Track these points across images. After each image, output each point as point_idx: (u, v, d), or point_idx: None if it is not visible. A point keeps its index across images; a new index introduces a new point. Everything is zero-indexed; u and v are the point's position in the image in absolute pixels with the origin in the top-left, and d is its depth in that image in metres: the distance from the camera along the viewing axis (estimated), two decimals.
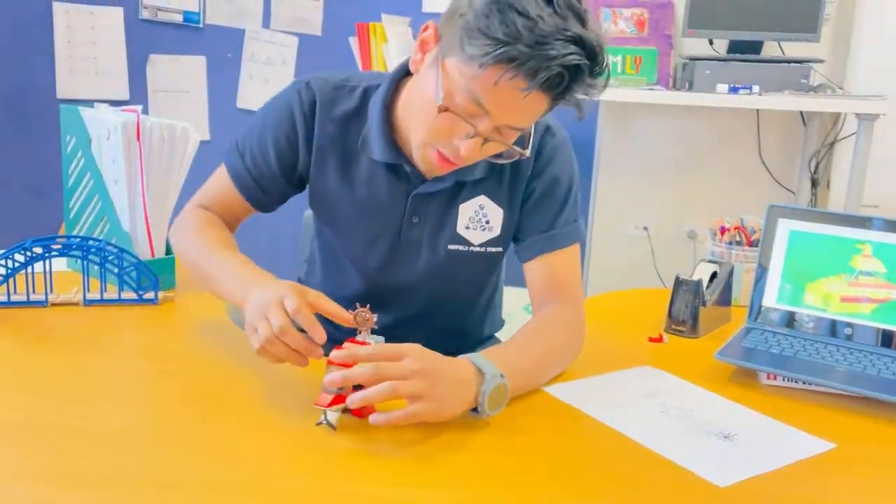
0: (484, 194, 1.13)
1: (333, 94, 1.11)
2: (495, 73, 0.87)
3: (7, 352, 1.04)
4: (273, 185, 1.16)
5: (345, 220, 1.16)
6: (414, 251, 1.16)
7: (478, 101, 0.91)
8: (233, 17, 3.02)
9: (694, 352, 1.19)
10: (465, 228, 1.14)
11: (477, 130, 0.93)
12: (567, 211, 1.15)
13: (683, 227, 2.96)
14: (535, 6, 0.86)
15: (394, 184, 1.12)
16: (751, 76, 2.45)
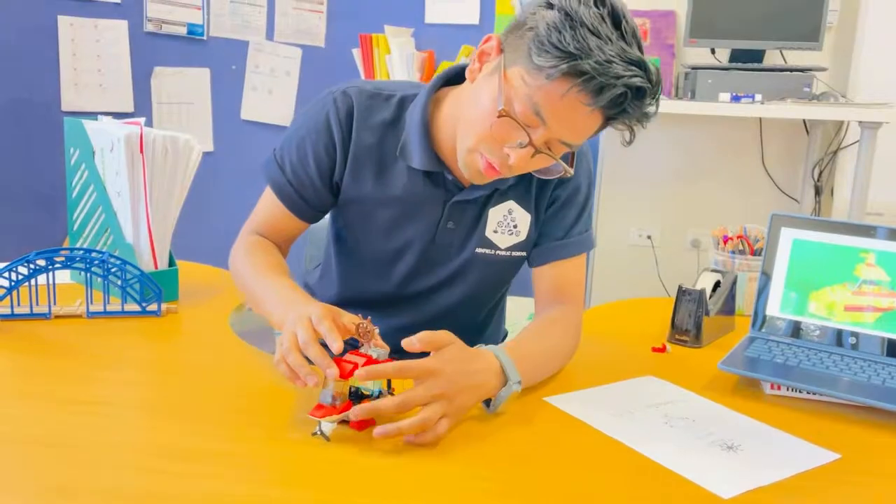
0: (513, 199, 1.16)
1: (370, 103, 1.12)
2: (562, 86, 0.90)
3: (9, 364, 1.04)
4: (315, 196, 1.17)
5: (378, 227, 1.17)
6: (445, 255, 1.19)
7: (538, 112, 0.93)
8: (236, 30, 3.04)
9: (697, 361, 1.19)
10: (493, 232, 1.17)
11: (531, 140, 0.95)
12: (583, 220, 1.20)
13: (687, 235, 2.96)
14: (605, 27, 0.89)
15: (432, 191, 1.13)
16: (753, 85, 2.45)
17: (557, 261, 1.18)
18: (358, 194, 1.15)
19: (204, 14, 2.95)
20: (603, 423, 0.93)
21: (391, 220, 1.16)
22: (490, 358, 0.92)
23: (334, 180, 1.16)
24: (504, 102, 0.94)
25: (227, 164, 3.12)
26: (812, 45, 2.56)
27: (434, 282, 1.21)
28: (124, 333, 1.18)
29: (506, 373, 0.92)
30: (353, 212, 1.18)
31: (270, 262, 1.13)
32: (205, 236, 3.08)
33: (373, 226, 1.18)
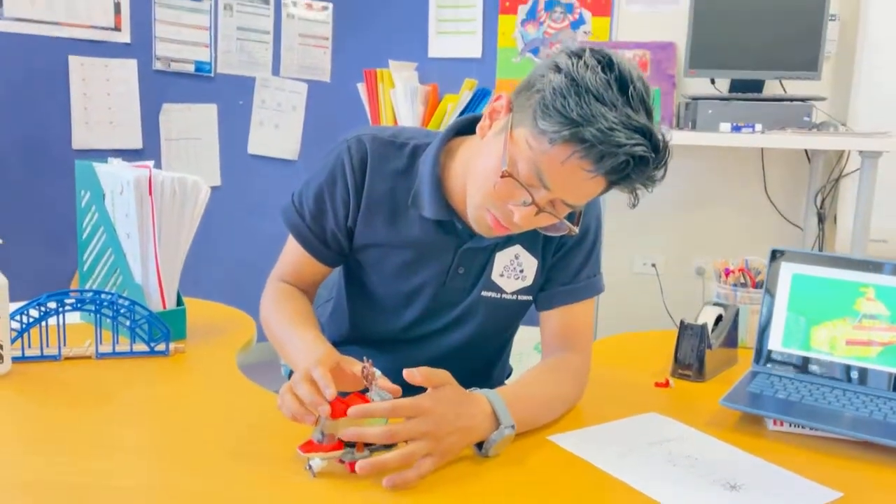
0: (520, 244, 1.16)
1: (383, 150, 1.14)
2: (564, 152, 0.91)
3: (20, 408, 1.06)
4: (335, 242, 1.20)
5: (390, 271, 1.19)
6: (454, 298, 1.20)
7: (539, 175, 0.94)
8: (243, 66, 3.10)
9: (700, 396, 1.20)
10: (499, 276, 1.17)
11: (534, 199, 0.96)
12: (591, 264, 1.19)
13: (692, 263, 2.96)
14: (610, 94, 0.90)
15: (443, 238, 1.15)
16: (753, 115, 2.48)
17: (565, 305, 1.18)
18: (370, 240, 1.17)
19: (211, 51, 3.01)
20: (606, 463, 0.93)
21: (403, 266, 1.18)
22: (482, 401, 0.93)
23: (349, 225, 1.18)
24: (508, 163, 0.96)
25: (235, 199, 3.15)
26: (811, 74, 2.58)
27: (441, 324, 1.23)
28: (133, 374, 1.19)
29: (497, 416, 0.92)
30: (366, 256, 1.20)
31: (297, 310, 1.16)
32: (212, 270, 3.10)
33: (385, 270, 1.19)
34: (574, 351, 1.15)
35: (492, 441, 0.91)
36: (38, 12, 2.56)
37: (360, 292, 1.26)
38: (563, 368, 1.12)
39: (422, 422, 0.86)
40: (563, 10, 3.04)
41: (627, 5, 2.92)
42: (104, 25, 2.71)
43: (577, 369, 1.13)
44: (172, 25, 2.88)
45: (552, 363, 1.13)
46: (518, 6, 3.08)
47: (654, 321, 2.96)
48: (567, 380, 1.10)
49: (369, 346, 1.28)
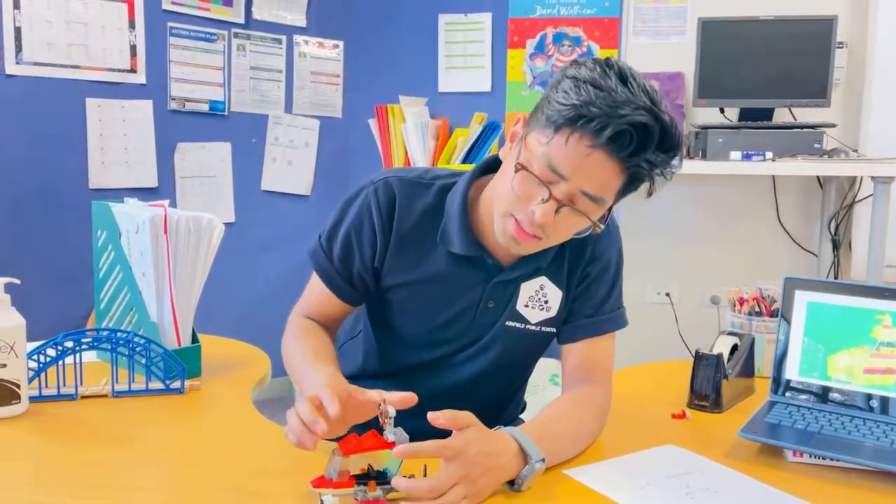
0: (545, 275, 1.16)
1: (411, 191, 1.15)
2: (566, 132, 0.94)
3: (37, 448, 1.06)
4: (361, 283, 1.20)
5: (418, 310, 1.19)
6: (480, 332, 1.19)
7: (552, 166, 0.96)
8: (256, 104, 3.14)
9: (718, 428, 1.18)
10: (524, 307, 1.17)
11: (552, 194, 0.97)
12: (613, 297, 1.19)
13: (706, 292, 2.95)
14: (609, 82, 0.93)
15: (473, 275, 1.15)
16: (763, 143, 2.48)
17: (587, 339, 1.17)
18: (400, 279, 1.17)
19: (225, 91, 3.06)
20: (625, 496, 0.92)
21: (433, 302, 1.17)
22: (508, 440, 0.93)
23: (375, 266, 1.18)
24: (523, 160, 0.99)
25: (249, 235, 3.18)
26: (820, 101, 2.59)
27: (465, 355, 1.21)
28: (149, 412, 1.19)
29: (526, 452, 0.92)
30: (394, 295, 1.19)
31: (317, 346, 1.16)
32: (227, 306, 3.12)
33: (414, 308, 1.19)
34: (595, 384, 1.14)
35: (524, 476, 0.91)
36: (56, 56, 2.62)
37: (385, 331, 1.25)
38: (587, 402, 1.11)
39: (457, 466, 0.85)
40: (570, 43, 3.08)
41: (634, 37, 2.96)
42: (120, 67, 2.77)
43: (599, 403, 1.13)
44: (187, 66, 2.93)
45: (575, 397, 1.12)
46: (526, 40, 3.12)
47: (669, 351, 2.93)
48: (591, 414, 1.10)
49: (387, 376, 1.27)
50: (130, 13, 2.77)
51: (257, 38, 3.11)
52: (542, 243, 1.05)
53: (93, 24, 2.69)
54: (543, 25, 3.10)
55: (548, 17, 3.09)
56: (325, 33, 3.26)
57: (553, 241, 1.06)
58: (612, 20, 3.02)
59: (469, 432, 0.89)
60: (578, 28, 3.06)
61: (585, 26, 3.05)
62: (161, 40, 2.88)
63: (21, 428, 1.11)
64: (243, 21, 3.07)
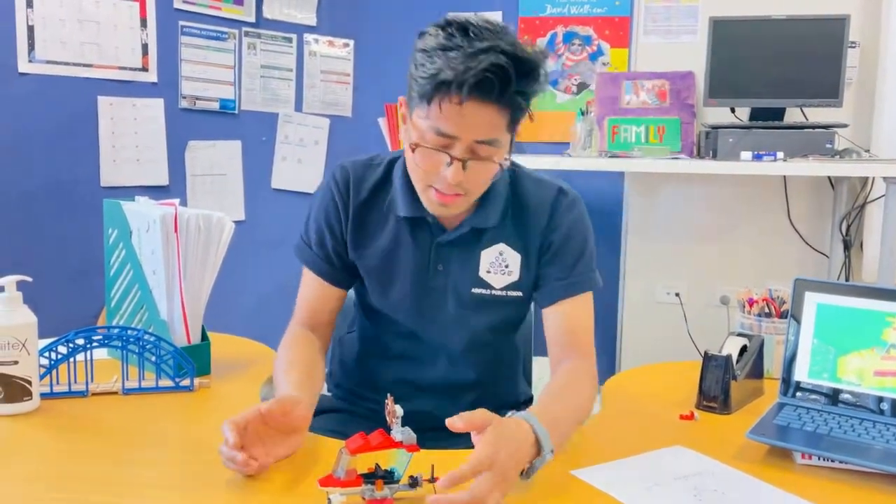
0: (503, 242, 1.24)
1: (363, 171, 1.28)
2: (437, 101, 1.05)
3: (48, 444, 1.07)
4: (340, 260, 1.29)
5: (379, 277, 1.27)
6: (440, 299, 1.25)
7: (440, 132, 1.07)
8: (266, 103, 3.15)
9: (726, 429, 1.18)
10: (486, 272, 1.24)
11: (451, 156, 1.08)
12: (584, 261, 1.25)
13: (716, 292, 2.94)
14: (453, 40, 1.03)
15: (418, 237, 1.24)
16: (774, 143, 2.47)
17: (564, 299, 1.23)
18: (362, 251, 1.27)
19: (235, 89, 3.07)
20: (632, 498, 0.92)
21: (388, 269, 1.26)
22: (526, 429, 0.94)
23: (344, 239, 1.28)
24: (415, 138, 1.10)
25: (259, 233, 3.19)
26: (832, 101, 2.58)
27: (441, 328, 1.27)
28: (158, 410, 1.20)
29: (541, 443, 0.94)
30: (363, 268, 1.28)
31: (298, 358, 1.20)
32: (237, 304, 3.13)
33: (376, 277, 1.28)
34: (580, 356, 1.20)
35: (535, 468, 0.93)
36: (68, 55, 2.64)
37: (370, 314, 1.33)
38: (578, 380, 1.17)
39: (493, 474, 0.85)
40: (581, 42, 3.07)
41: (645, 36, 2.95)
42: (132, 66, 2.78)
43: (587, 376, 1.19)
44: (198, 64, 2.95)
45: (566, 377, 1.17)
46: (536, 39, 3.11)
47: (677, 351, 2.93)
48: (584, 391, 1.16)
49: (385, 359, 1.33)
50: (142, 12, 2.79)
51: (268, 36, 3.12)
52: (469, 197, 1.15)
53: (105, 23, 2.71)
54: (554, 24, 3.09)
55: (558, 15, 3.08)
56: (336, 32, 3.27)
57: (476, 191, 1.15)
58: (622, 19, 3.01)
59: (491, 434, 0.88)
60: (589, 27, 3.06)
61: (596, 25, 3.05)
62: (172, 39, 2.89)
63: (32, 424, 1.12)
64: (254, 20, 3.08)
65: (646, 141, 2.82)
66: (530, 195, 1.25)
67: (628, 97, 2.87)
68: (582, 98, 3.06)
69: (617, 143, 2.84)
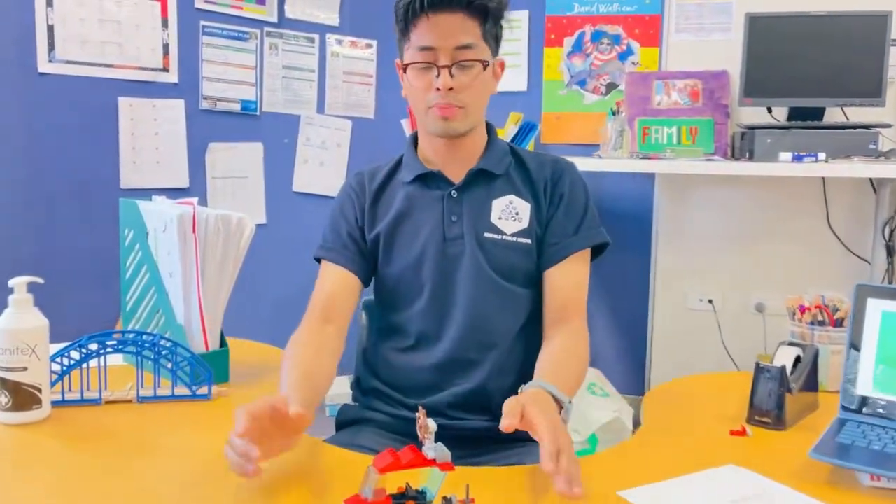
0: (512, 193, 1.30)
1: (376, 167, 1.37)
2: (410, 27, 1.21)
3: (58, 454, 1.01)
4: (352, 242, 1.31)
5: (398, 246, 1.30)
6: (458, 247, 1.28)
7: (421, 47, 1.21)
8: (288, 105, 3.10)
9: (782, 447, 1.09)
10: (497, 219, 1.29)
11: (437, 67, 1.21)
12: (590, 215, 1.31)
13: (751, 299, 2.83)
14: None
15: (429, 194, 1.30)
16: (814, 143, 2.37)
17: (569, 257, 1.28)
18: (379, 227, 1.31)
19: (257, 90, 3.02)
20: None
21: (407, 233, 1.30)
22: (546, 396, 1.04)
23: (360, 226, 1.32)
24: (407, 61, 1.24)
25: (280, 236, 3.14)
26: (875, 101, 2.47)
27: (459, 282, 1.27)
28: (174, 419, 1.14)
29: (558, 400, 1.05)
30: (381, 243, 1.31)
31: (302, 358, 1.17)
32: (258, 309, 3.08)
33: (395, 248, 1.30)
34: (574, 318, 1.27)
35: (564, 421, 1.03)
36: (89, 55, 2.61)
37: (383, 290, 1.34)
38: (574, 339, 1.25)
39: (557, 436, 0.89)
40: (609, 41, 2.99)
41: (677, 34, 2.86)
42: (153, 66, 2.75)
43: (582, 335, 1.26)
44: (219, 65, 2.91)
45: (564, 337, 1.24)
46: (564, 39, 3.04)
47: (711, 361, 2.83)
48: (580, 349, 1.25)
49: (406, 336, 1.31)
50: (164, 12, 2.75)
51: (290, 36, 3.07)
52: (466, 110, 1.23)
53: (126, 23, 2.67)
54: (581, 23, 3.01)
55: (586, 14, 3.00)
56: (358, 32, 3.22)
57: (471, 102, 1.23)
58: (653, 17, 2.93)
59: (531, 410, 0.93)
60: (618, 26, 2.97)
61: (625, 24, 2.96)
62: (194, 39, 2.85)
63: (42, 434, 1.07)
64: (276, 20, 3.04)
65: (678, 142, 2.73)
66: (530, 159, 1.34)
67: (659, 97, 2.79)
68: (611, 99, 2.97)
69: (647, 145, 2.75)
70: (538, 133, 3.01)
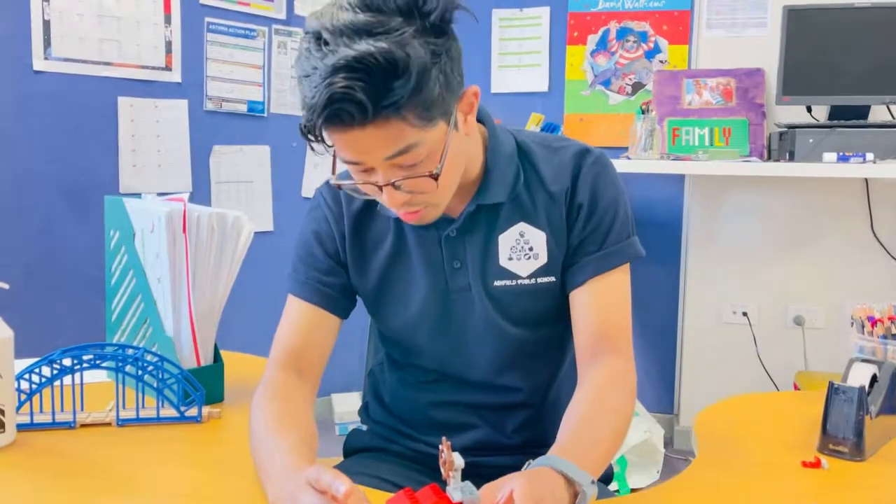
0: (522, 220, 1.04)
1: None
2: (324, 138, 0.87)
3: (22, 488, 0.88)
4: (332, 276, 1.08)
5: (390, 293, 1.08)
6: (466, 301, 1.06)
7: (346, 160, 0.90)
8: (297, 106, 2.97)
9: (867, 480, 0.94)
10: (507, 260, 1.05)
11: (377, 183, 0.90)
12: (618, 227, 1.05)
13: (788, 311, 2.66)
14: (309, 59, 0.83)
15: (422, 234, 1.05)
16: (861, 143, 2.21)
17: (597, 276, 1.03)
18: (364, 269, 1.09)
19: (264, 91, 2.90)
20: None
21: (399, 283, 1.07)
22: (550, 474, 0.78)
23: (342, 261, 1.09)
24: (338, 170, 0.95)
25: (288, 244, 2.98)
26: None
27: (471, 338, 1.07)
28: (159, 446, 1.00)
29: (572, 479, 0.78)
30: (369, 287, 1.09)
31: (281, 413, 0.95)
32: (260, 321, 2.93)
33: (388, 292, 1.09)
34: (613, 353, 1.00)
35: None
36: (86, 52, 2.48)
37: (385, 334, 1.16)
38: (614, 385, 0.98)
39: None
40: (636, 38, 2.84)
41: (708, 31, 2.71)
42: (155, 65, 2.62)
43: (624, 378, 0.99)
44: (225, 64, 2.78)
45: (598, 381, 0.98)
46: (587, 36, 2.89)
47: (749, 379, 2.66)
48: (623, 397, 0.98)
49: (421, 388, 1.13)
50: (166, 7, 2.63)
51: (299, 34, 2.95)
52: (437, 201, 0.95)
53: (126, 19, 2.55)
54: (606, 20, 2.87)
55: (611, 10, 2.86)
56: None
57: (439, 193, 0.93)
58: (682, 13, 2.78)
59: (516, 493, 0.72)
60: (645, 22, 2.82)
61: (653, 20, 2.81)
62: (198, 36, 2.73)
63: (5, 463, 0.93)
64: (285, 17, 2.91)
65: (710, 144, 2.57)
66: (544, 162, 1.05)
67: (689, 96, 2.63)
68: (637, 99, 2.82)
69: (678, 147, 2.60)
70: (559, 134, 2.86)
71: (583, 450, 0.86)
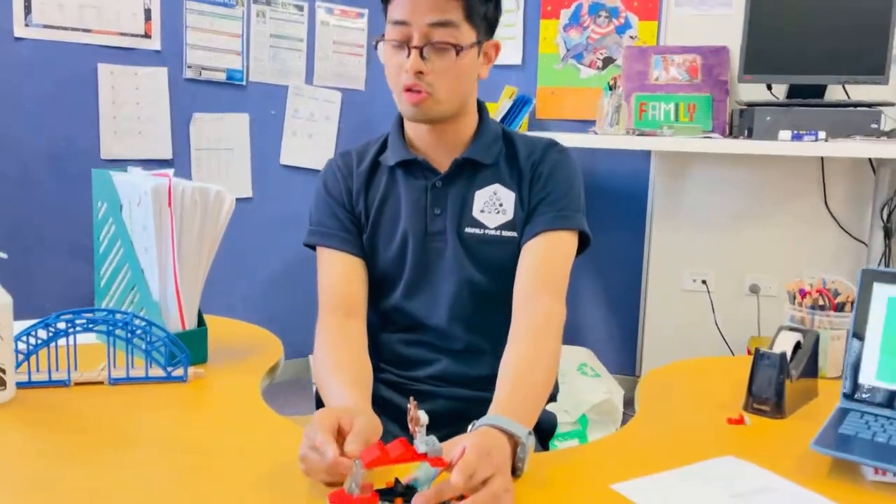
0: (497, 183, 1.22)
1: (361, 150, 1.30)
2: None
3: (22, 440, 0.96)
4: (355, 227, 1.25)
5: (381, 233, 1.24)
6: (441, 243, 1.22)
7: (394, 21, 1.11)
8: (276, 75, 3.02)
9: (782, 436, 1.05)
10: (479, 212, 1.22)
11: (409, 46, 1.11)
12: (572, 198, 1.21)
13: (745, 280, 2.79)
14: None
15: (413, 184, 1.23)
16: (815, 122, 2.31)
17: (547, 231, 1.17)
18: (367, 214, 1.25)
19: (243, 59, 2.93)
20: None
21: (388, 220, 1.24)
22: (492, 432, 0.87)
23: (357, 211, 1.25)
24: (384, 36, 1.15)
25: (266, 211, 3.07)
26: (878, 78, 2.41)
27: (442, 278, 1.22)
28: (147, 402, 1.09)
29: (511, 433, 0.87)
30: (368, 232, 1.25)
31: (340, 362, 1.12)
32: (241, 286, 3.01)
33: (378, 234, 1.24)
34: (549, 293, 1.14)
35: (521, 459, 0.87)
36: (66, 19, 2.51)
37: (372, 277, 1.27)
38: (546, 329, 1.11)
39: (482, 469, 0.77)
40: (607, 14, 2.91)
41: (676, 8, 2.78)
42: (134, 32, 2.65)
43: (557, 320, 1.13)
44: (204, 32, 2.81)
45: (534, 323, 1.11)
46: (560, 11, 2.96)
47: (706, 342, 2.80)
48: (552, 343, 1.11)
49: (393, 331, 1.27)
50: None
51: (278, 4, 2.98)
52: (436, 97, 1.13)
53: None
54: None
55: None
56: (349, 1, 3.12)
57: (441, 88, 1.13)
58: None
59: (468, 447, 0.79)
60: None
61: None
62: (177, 4, 2.75)
63: (5, 417, 1.01)
64: None
65: (675, 119, 2.67)
66: (522, 146, 1.25)
67: (657, 72, 2.72)
68: (607, 73, 2.90)
69: (644, 121, 2.69)
70: (533, 108, 2.94)
71: (519, 402, 0.97)
